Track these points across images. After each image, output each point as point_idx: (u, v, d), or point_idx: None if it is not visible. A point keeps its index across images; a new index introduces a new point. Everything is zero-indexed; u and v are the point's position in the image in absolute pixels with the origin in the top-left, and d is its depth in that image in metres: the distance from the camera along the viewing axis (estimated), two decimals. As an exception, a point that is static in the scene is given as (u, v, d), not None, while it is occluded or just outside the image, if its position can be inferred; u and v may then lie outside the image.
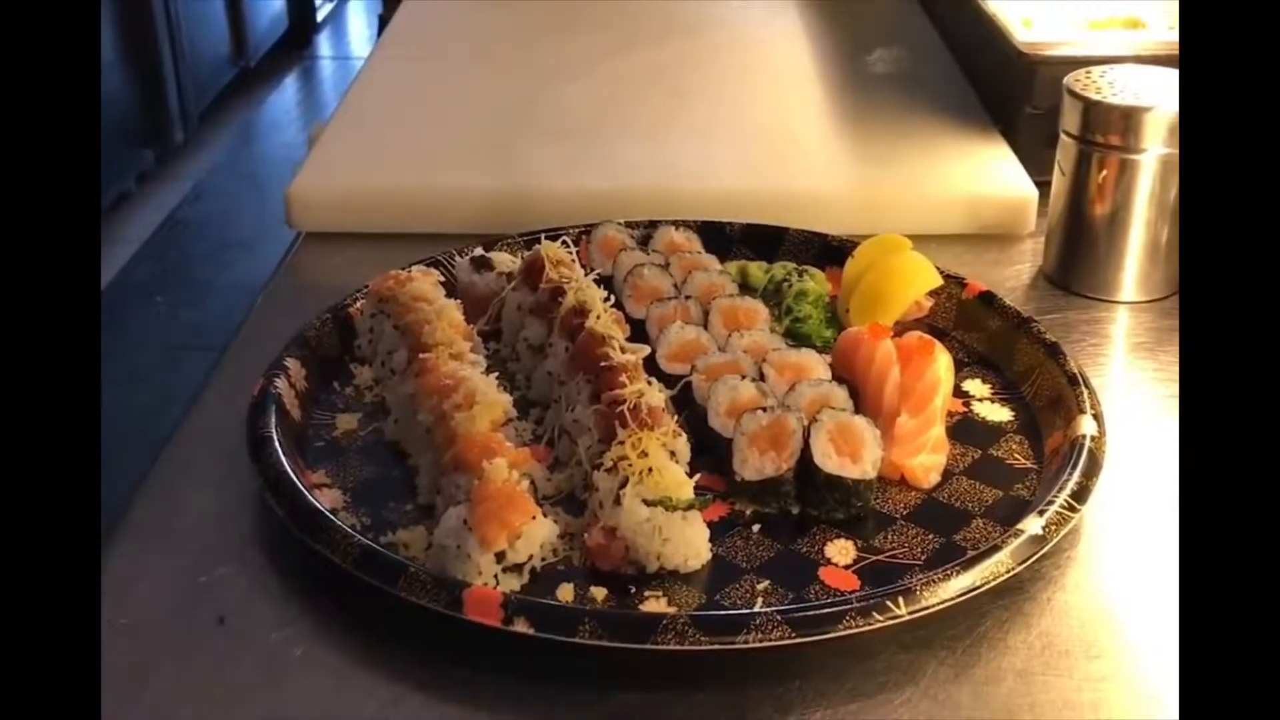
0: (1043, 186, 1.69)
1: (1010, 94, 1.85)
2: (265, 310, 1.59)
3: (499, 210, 1.69)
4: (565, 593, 1.10)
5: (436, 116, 1.93)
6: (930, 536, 1.16)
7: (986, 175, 1.75)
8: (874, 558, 1.14)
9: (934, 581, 1.05)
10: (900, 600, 1.03)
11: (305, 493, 1.15)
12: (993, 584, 1.07)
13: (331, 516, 1.12)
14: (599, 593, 1.09)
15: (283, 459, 1.19)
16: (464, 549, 1.07)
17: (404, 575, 1.05)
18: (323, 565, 1.10)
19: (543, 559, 1.12)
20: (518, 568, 1.10)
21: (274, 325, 1.44)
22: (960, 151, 1.81)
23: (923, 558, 1.14)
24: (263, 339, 1.42)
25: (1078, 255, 1.58)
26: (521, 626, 1.01)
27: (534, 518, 1.09)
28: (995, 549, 1.09)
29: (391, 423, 1.30)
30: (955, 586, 1.05)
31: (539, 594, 1.09)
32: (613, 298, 1.33)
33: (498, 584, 1.08)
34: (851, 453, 1.18)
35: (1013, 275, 1.63)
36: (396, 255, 1.52)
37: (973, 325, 1.45)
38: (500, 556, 1.08)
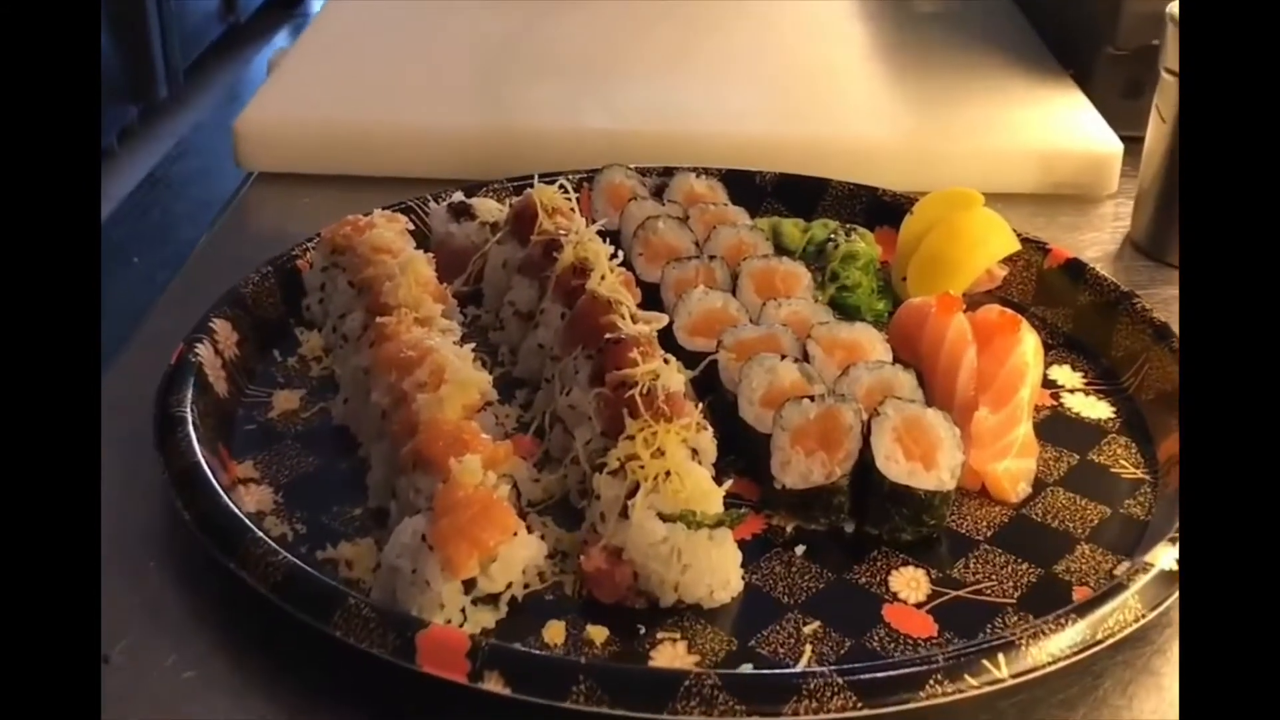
0: (1124, 143, 1.45)
1: (1087, 33, 1.59)
2: (202, 261, 1.33)
3: (485, 152, 1.43)
4: (554, 633, 0.85)
5: (416, 45, 1.67)
6: (1023, 566, 0.91)
7: (1061, 126, 1.50)
8: (953, 593, 0.89)
9: (1043, 633, 0.80)
10: (1000, 658, 0.78)
11: (220, 492, 0.89)
12: (1119, 636, 0.81)
13: (251, 525, 0.87)
14: (598, 633, 0.84)
15: (196, 446, 0.93)
16: (422, 574, 0.82)
17: (341, 608, 0.80)
18: (241, 588, 0.84)
19: (526, 586, 0.87)
20: (492, 599, 0.84)
21: (211, 280, 1.18)
22: (1028, 99, 1.56)
23: (1015, 595, 0.89)
24: (196, 296, 1.16)
25: (1176, 219, 1.33)
26: (494, 684, 0.76)
27: (515, 534, 0.84)
28: (1118, 589, 0.83)
29: (340, 403, 1.04)
30: (1070, 639, 0.80)
31: (520, 634, 0.84)
32: (620, 255, 1.06)
33: (465, 621, 0.83)
34: (923, 456, 0.93)
35: (1092, 242, 1.38)
36: (362, 201, 1.26)
37: (1057, 300, 1.21)
38: (469, 585, 0.83)
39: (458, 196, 1.25)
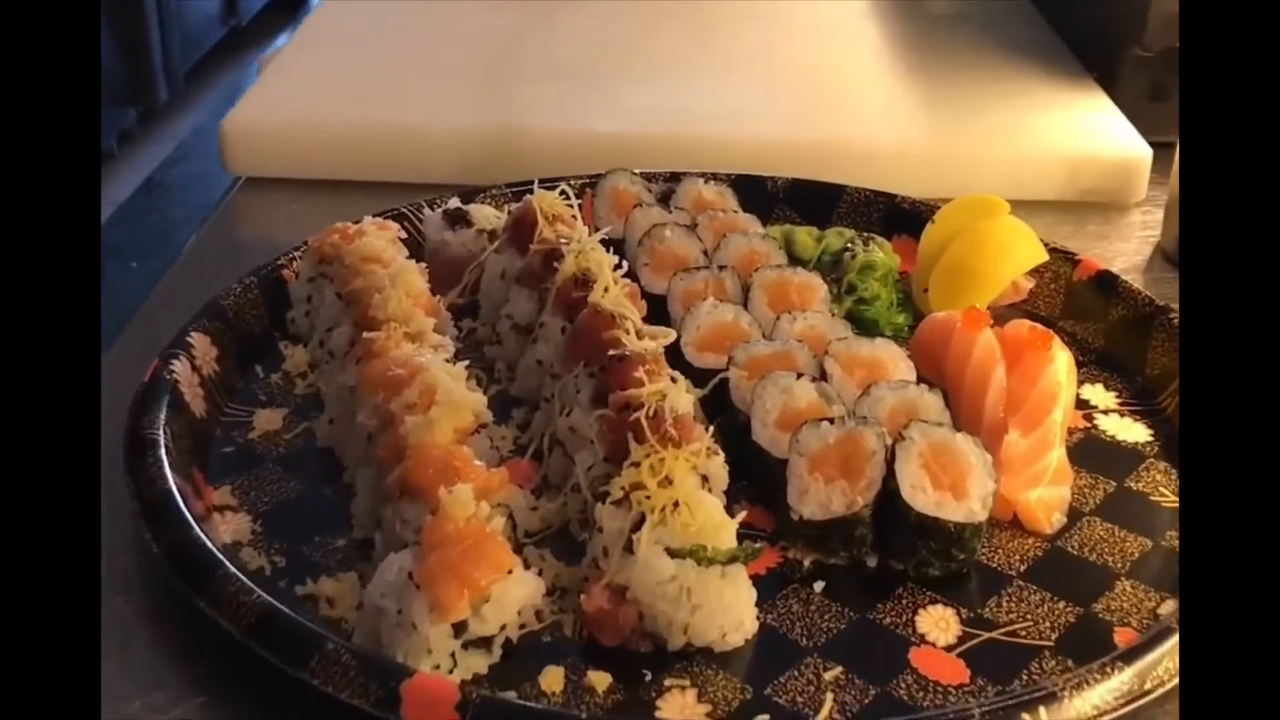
0: (1153, 149, 1.38)
1: (1111, 34, 1.52)
2: (183, 271, 1.27)
3: (483, 156, 1.37)
4: (552, 679, 0.78)
5: (412, 45, 1.60)
6: (1060, 605, 0.85)
7: (1086, 131, 1.44)
8: (985, 634, 0.82)
9: (1086, 683, 0.73)
10: (1040, 711, 0.72)
11: (192, 523, 0.83)
12: (1168, 686, 0.74)
13: (224, 559, 0.80)
14: (599, 680, 0.78)
15: (168, 472, 0.87)
16: (408, 615, 0.75)
17: (319, 654, 0.73)
18: (214, 628, 0.77)
19: (521, 627, 0.80)
20: (485, 642, 0.78)
21: (193, 291, 1.11)
22: (1050, 103, 1.49)
23: (1053, 637, 0.82)
24: (174, 309, 1.09)
25: (1211, 229, 1.26)
26: (485, 740, 0.69)
27: (509, 572, 0.77)
28: (1166, 633, 0.77)
29: (325, 423, 0.97)
30: (1115, 689, 0.74)
31: (514, 680, 0.78)
32: (624, 265, 1.00)
33: (455, 667, 0.76)
34: (952, 485, 0.86)
35: (1120, 253, 1.32)
36: (354, 208, 1.20)
37: (1087, 314, 1.14)
38: (460, 627, 0.76)
39: (453, 203, 1.19)
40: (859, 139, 1.40)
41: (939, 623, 0.83)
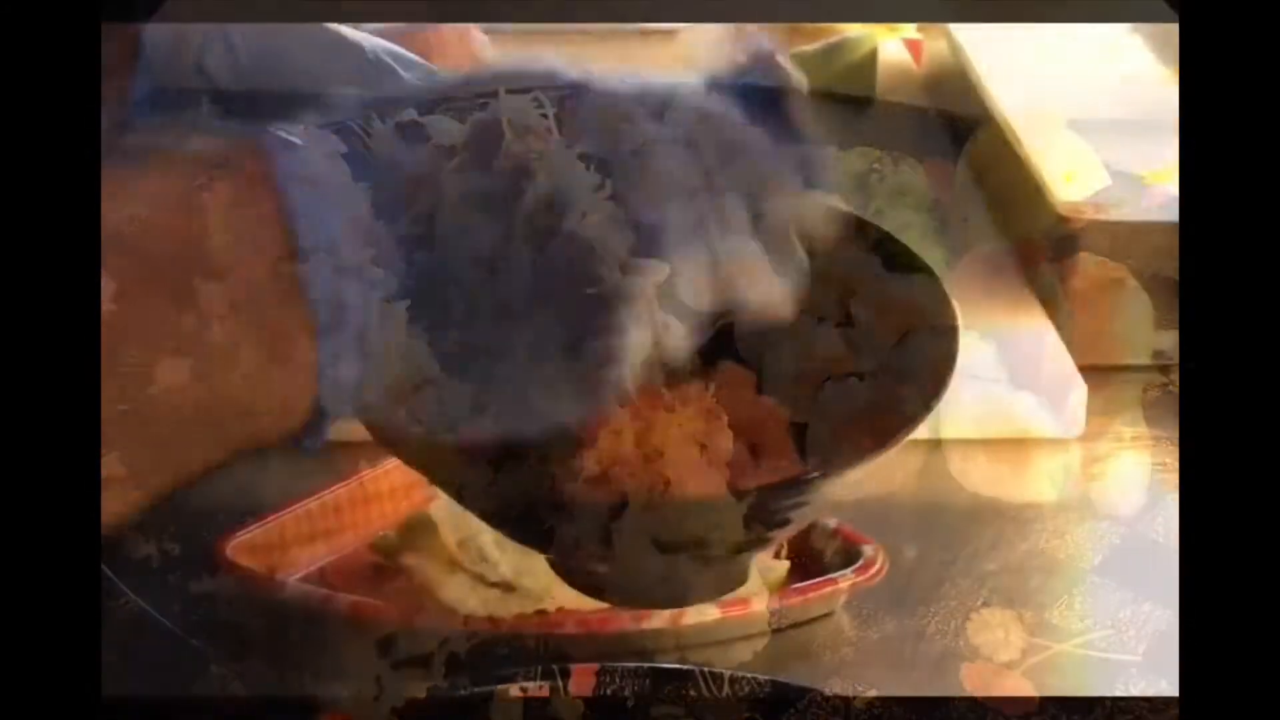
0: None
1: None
2: (95, 194, 1.09)
3: (446, 62, 1.20)
4: (510, 708, 0.61)
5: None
6: (1145, 606, 0.70)
7: (1145, 38, 1.27)
8: (1056, 646, 0.67)
9: None
10: (1144, 760, 0.55)
11: (55, 503, 0.66)
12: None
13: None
14: (570, 709, 0.61)
15: (33, 437, 0.70)
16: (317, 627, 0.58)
17: (199, 681, 0.56)
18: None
19: (470, 640, 0.63)
20: (422, 661, 0.61)
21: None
22: (1103, 5, 1.32)
23: (1140, 647, 0.66)
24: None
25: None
26: (414, 802, 0.53)
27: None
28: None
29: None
30: (1237, 727, 0.57)
31: (462, 709, 0.61)
32: (609, 186, 0.82)
33: (381, 695, 0.60)
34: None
35: (1182, 179, 1.15)
36: (291, 120, 1.01)
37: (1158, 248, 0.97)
38: (387, 643, 0.59)
39: (409, 113, 1.01)
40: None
41: (995, 629, 0.69)
